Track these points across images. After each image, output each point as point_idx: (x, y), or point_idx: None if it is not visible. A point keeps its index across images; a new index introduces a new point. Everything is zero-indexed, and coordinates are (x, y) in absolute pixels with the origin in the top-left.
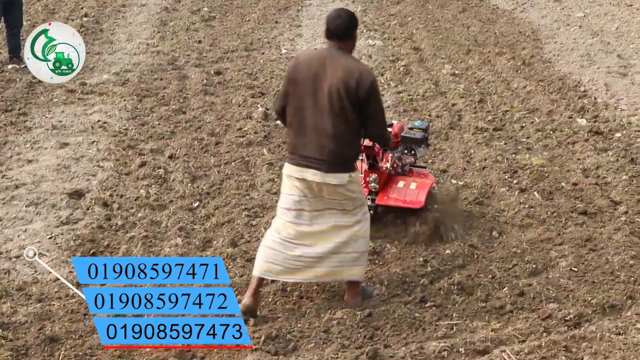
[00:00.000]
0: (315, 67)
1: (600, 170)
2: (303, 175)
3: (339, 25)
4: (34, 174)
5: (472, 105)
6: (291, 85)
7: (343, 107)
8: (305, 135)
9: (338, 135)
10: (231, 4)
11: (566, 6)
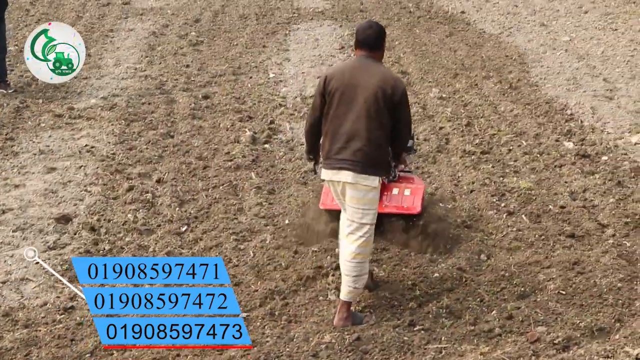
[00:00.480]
0: (348, 76)
1: (587, 193)
2: (338, 177)
3: (370, 35)
4: (20, 199)
5: (459, 129)
6: (325, 98)
7: (379, 111)
8: (341, 141)
9: (373, 139)
10: (219, 29)
11: (552, 30)
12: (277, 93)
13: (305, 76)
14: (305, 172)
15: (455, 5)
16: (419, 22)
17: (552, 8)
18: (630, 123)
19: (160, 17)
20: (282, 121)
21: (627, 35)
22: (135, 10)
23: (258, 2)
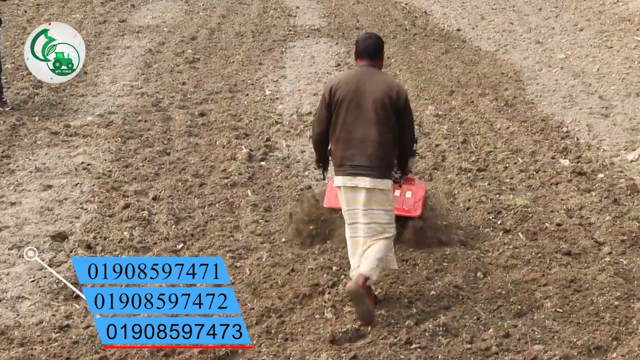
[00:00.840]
0: (354, 85)
1: (583, 210)
2: (355, 183)
3: (370, 45)
4: (17, 217)
5: (455, 146)
6: (332, 106)
7: (387, 116)
8: (354, 147)
9: (384, 143)
10: (215, 46)
11: (548, 48)
12: (274, 110)
13: (302, 93)
14: (301, 189)
15: (451, 22)
16: (415, 40)
17: (547, 26)
18: (626, 140)
19: (157, 35)
20: (279, 138)
21: (622, 52)
22: (131, 28)
23: (254, 20)
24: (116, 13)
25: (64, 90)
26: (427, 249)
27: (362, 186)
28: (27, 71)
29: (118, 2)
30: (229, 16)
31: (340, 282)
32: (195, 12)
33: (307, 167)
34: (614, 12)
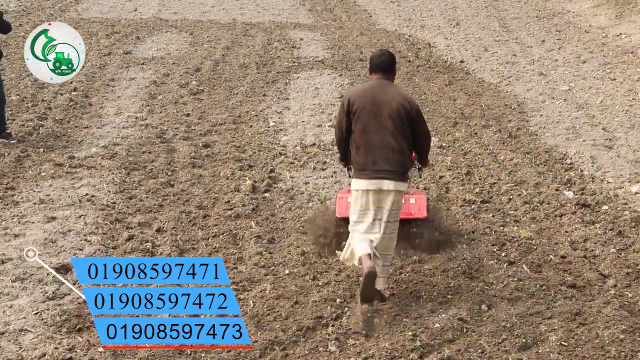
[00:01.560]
0: (371, 96)
1: (588, 243)
2: (379, 186)
3: (384, 61)
4: (20, 249)
5: (459, 178)
6: (350, 115)
7: (403, 124)
8: (374, 153)
9: (401, 150)
10: (219, 78)
11: (551, 80)
12: (277, 142)
13: (305, 125)
14: (305, 221)
15: (454, 54)
16: (419, 71)
17: (550, 58)
18: (630, 172)
19: (161, 66)
20: (282, 170)
21: (626, 85)
22: (136, 60)
23: (258, 52)
24: (121, 45)
25: (68, 122)
26: (430, 282)
27: (386, 189)
28: (32, 103)
29: (123, 34)
30: (233, 48)
31: (344, 315)
32: (199, 44)
33: (311, 199)
34: (616, 44)
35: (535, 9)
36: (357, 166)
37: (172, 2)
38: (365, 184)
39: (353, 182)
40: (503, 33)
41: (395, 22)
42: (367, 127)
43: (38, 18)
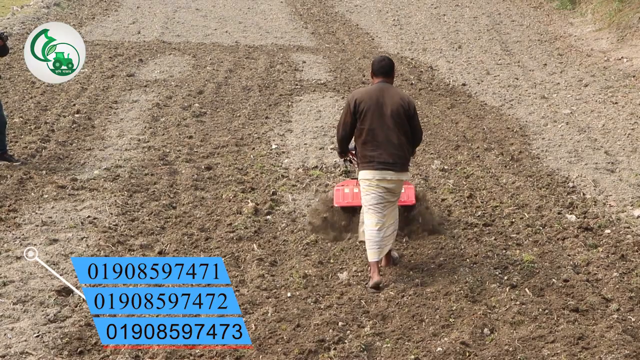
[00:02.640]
0: (375, 97)
1: (591, 266)
2: (384, 176)
3: (385, 65)
4: (22, 271)
5: (461, 201)
6: (358, 114)
7: (402, 122)
8: (379, 147)
9: (402, 145)
10: (222, 100)
11: (553, 103)
12: (280, 164)
13: (308, 147)
14: (307, 243)
15: (456, 77)
16: (421, 94)
17: (552, 81)
18: (632, 196)
19: (164, 89)
20: (285, 192)
21: (628, 108)
22: (139, 82)
23: (261, 74)
24: (124, 67)
25: (71, 145)
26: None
27: (390, 178)
28: (35, 125)
29: (126, 56)
30: (236, 70)
31: (346, 338)
32: (202, 66)
33: None
34: (618, 68)
35: (537, 33)
36: (364, 159)
37: (175, 25)
38: (372, 175)
39: (361, 173)
40: (505, 56)
41: (398, 45)
42: (372, 125)
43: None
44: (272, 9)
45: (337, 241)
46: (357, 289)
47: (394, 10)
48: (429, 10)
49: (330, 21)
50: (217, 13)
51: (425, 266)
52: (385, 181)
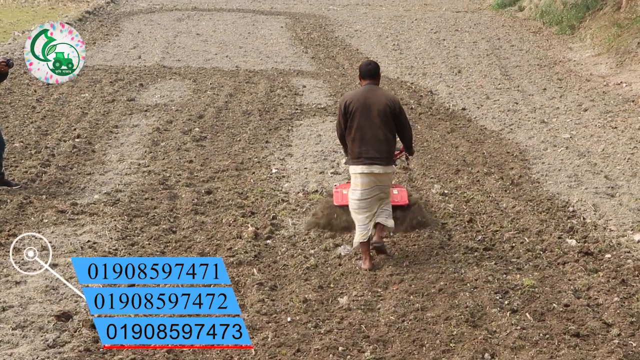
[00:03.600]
0: (362, 98)
1: (591, 291)
2: (371, 170)
3: (371, 69)
4: (21, 296)
5: (462, 225)
6: (347, 114)
7: (388, 121)
8: (367, 144)
9: (387, 141)
10: (222, 124)
11: (553, 127)
12: (280, 188)
13: (308, 172)
14: (307, 268)
15: (456, 102)
16: (421, 119)
17: (552, 106)
18: (632, 221)
19: (165, 113)
20: (285, 217)
21: (627, 133)
22: (139, 107)
23: (261, 99)
24: (125, 92)
25: (71, 169)
26: (433, 330)
27: (377, 172)
28: (36, 149)
29: (127, 81)
30: (236, 95)
31: None
32: (203, 90)
33: (313, 245)
34: (617, 92)
35: (537, 58)
36: (353, 155)
37: (176, 49)
38: (360, 169)
39: (351, 167)
40: (505, 81)
41: (398, 69)
42: (360, 124)
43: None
44: (272, 34)
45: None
46: (357, 314)
47: (394, 35)
48: (429, 35)
49: (330, 46)
50: (217, 38)
51: (425, 290)
52: (372, 175)
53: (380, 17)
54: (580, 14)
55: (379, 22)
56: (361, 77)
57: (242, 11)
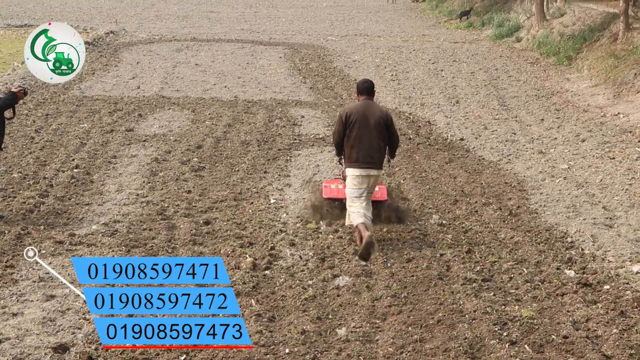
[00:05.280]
0: (361, 111)
1: (590, 323)
2: (368, 173)
3: (368, 86)
4: (18, 328)
5: (460, 256)
6: (347, 124)
7: (382, 131)
8: (364, 150)
9: (380, 148)
10: (220, 155)
11: (550, 158)
12: (278, 219)
13: (307, 202)
14: (305, 299)
15: (454, 132)
16: (419, 149)
17: (550, 136)
18: (631, 252)
19: (163, 144)
20: (283, 247)
21: (625, 164)
22: (138, 137)
23: (260, 129)
24: (123, 122)
25: (69, 199)
26: None
27: (373, 174)
28: (34, 180)
29: (125, 111)
30: (234, 125)
31: None
32: (201, 121)
33: (311, 276)
34: (615, 123)
35: (534, 88)
36: (351, 159)
37: (175, 80)
38: (358, 172)
39: (348, 170)
40: (502, 111)
41: (396, 100)
42: (359, 133)
43: (42, 96)
44: (271, 64)
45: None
46: (355, 345)
47: (392, 65)
48: (427, 66)
49: (328, 76)
50: (216, 68)
51: (424, 322)
52: (367, 177)
53: (378, 47)
54: (577, 45)
55: (377, 52)
56: (359, 93)
57: (240, 42)
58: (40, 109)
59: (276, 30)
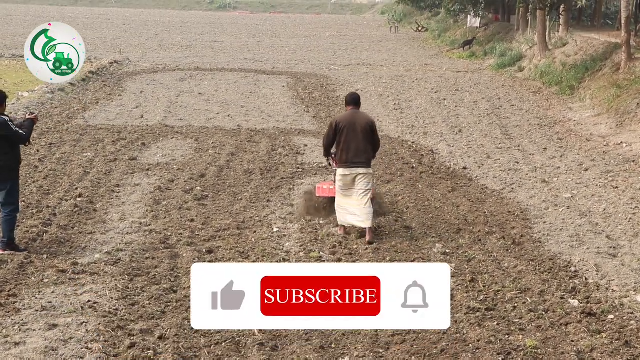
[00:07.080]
0: (350, 119)
1: (595, 353)
2: (356, 172)
3: (355, 98)
4: (20, 357)
5: (463, 285)
6: (338, 131)
7: (368, 136)
8: (352, 152)
9: (367, 150)
10: (224, 183)
11: (554, 187)
12: (281, 248)
13: (309, 231)
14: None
15: (457, 161)
16: (422, 178)
17: (553, 165)
18: (635, 281)
19: (166, 172)
20: None
21: (628, 193)
22: (141, 166)
23: (263, 158)
24: (127, 151)
25: (72, 228)
26: None
27: (361, 172)
28: (37, 209)
29: (129, 140)
30: (238, 154)
31: None
32: (204, 150)
33: None
34: (618, 152)
35: (537, 117)
36: (341, 160)
37: (178, 109)
38: (347, 171)
39: (339, 170)
40: (505, 140)
41: (399, 129)
42: (348, 138)
43: (45, 125)
44: (274, 93)
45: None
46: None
47: (395, 94)
48: (430, 95)
49: (331, 105)
50: (219, 97)
51: (427, 351)
52: (356, 174)
53: (381, 76)
54: (579, 74)
55: (380, 81)
56: (347, 104)
57: (244, 71)
58: (44, 137)
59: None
